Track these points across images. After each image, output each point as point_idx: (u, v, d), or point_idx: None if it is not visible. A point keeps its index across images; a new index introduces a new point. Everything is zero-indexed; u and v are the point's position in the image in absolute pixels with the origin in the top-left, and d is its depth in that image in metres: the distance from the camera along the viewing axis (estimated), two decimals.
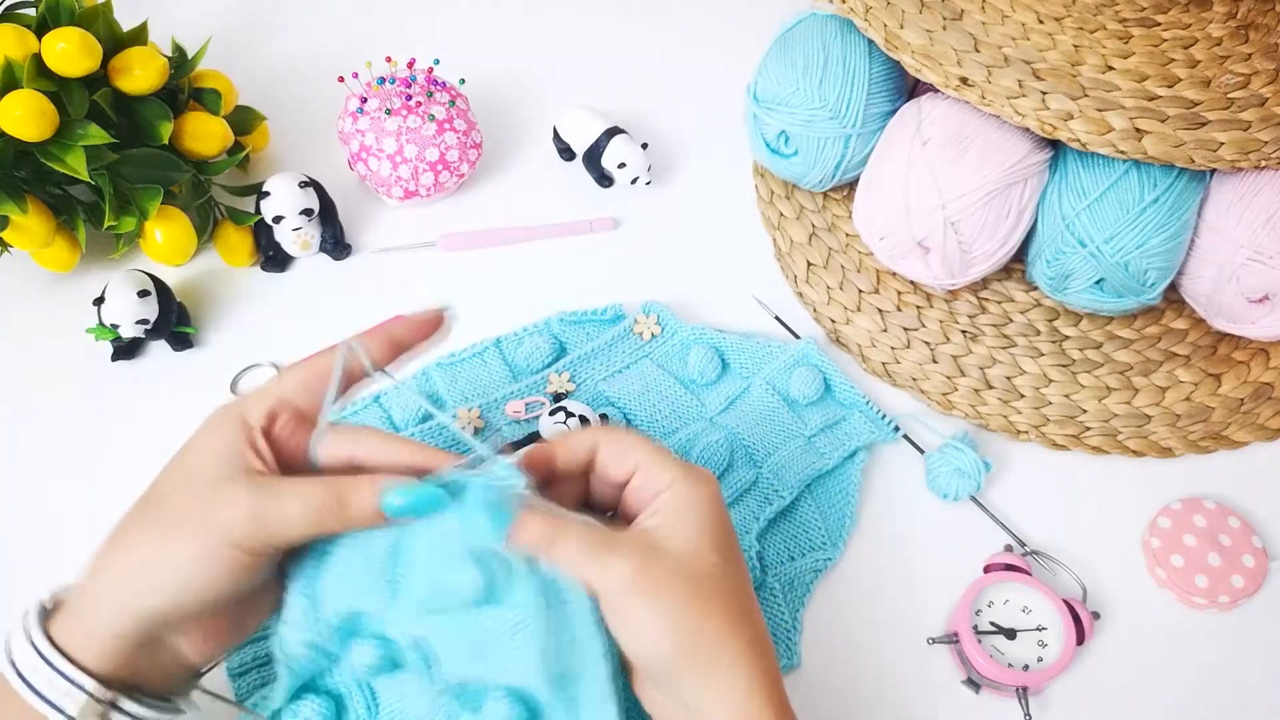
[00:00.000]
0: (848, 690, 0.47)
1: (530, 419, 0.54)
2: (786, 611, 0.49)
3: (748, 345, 0.57)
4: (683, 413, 0.55)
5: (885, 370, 0.58)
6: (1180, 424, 0.56)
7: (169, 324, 0.57)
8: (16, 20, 0.55)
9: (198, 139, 0.60)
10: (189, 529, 0.34)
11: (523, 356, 0.57)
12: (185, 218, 0.59)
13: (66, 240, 0.58)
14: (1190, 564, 0.50)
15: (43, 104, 0.51)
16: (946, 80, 0.50)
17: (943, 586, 0.50)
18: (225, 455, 0.35)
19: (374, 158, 0.62)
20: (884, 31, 0.52)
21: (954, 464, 0.52)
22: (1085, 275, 0.53)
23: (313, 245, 0.62)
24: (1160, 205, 0.50)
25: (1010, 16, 0.51)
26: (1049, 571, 0.51)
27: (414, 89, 0.62)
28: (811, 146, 0.58)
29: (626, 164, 0.64)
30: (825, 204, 0.64)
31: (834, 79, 0.56)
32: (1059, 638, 0.47)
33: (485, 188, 0.67)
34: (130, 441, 0.54)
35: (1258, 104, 0.48)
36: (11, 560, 0.51)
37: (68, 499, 0.53)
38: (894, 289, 0.60)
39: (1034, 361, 0.57)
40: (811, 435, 0.54)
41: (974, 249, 0.54)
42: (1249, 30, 0.50)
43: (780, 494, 0.52)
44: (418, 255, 0.63)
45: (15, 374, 0.57)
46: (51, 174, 0.55)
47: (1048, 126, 0.48)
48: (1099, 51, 0.49)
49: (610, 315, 0.59)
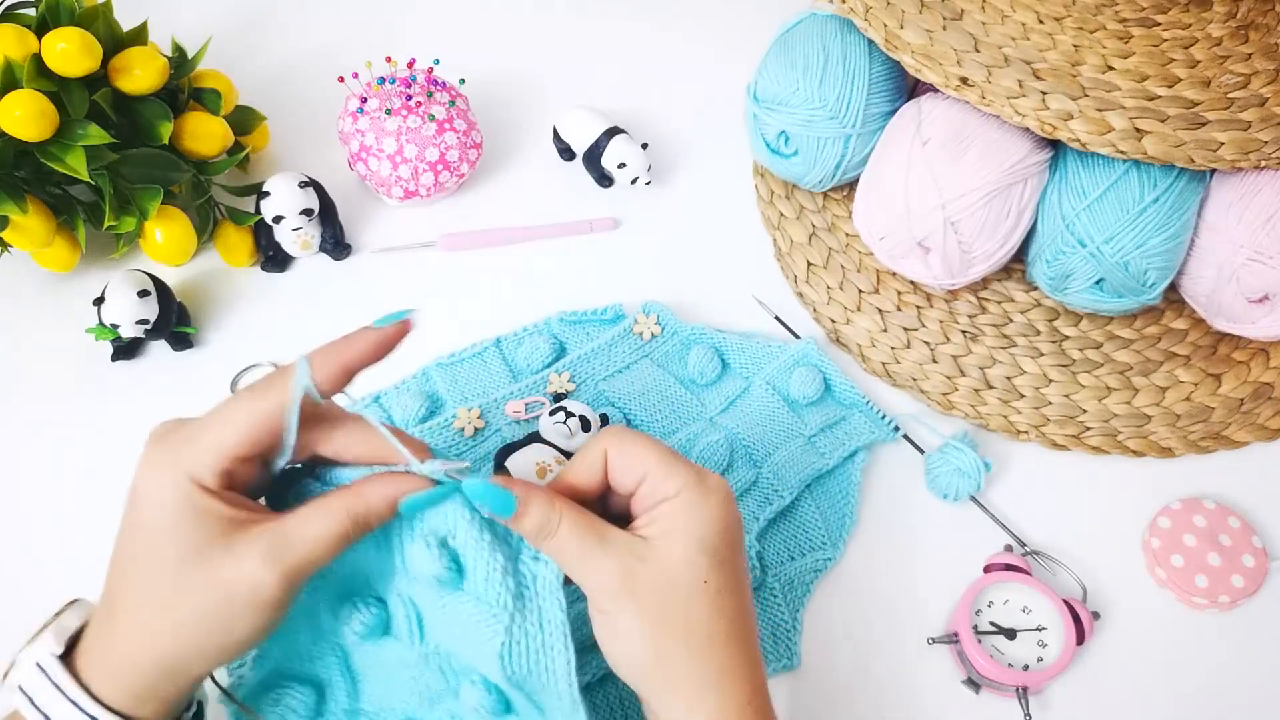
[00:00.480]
0: (848, 690, 0.47)
1: (530, 419, 0.54)
2: (786, 611, 0.49)
3: (748, 345, 0.57)
4: (683, 413, 0.55)
5: (885, 370, 0.58)
6: (1180, 424, 0.56)
7: (169, 324, 0.57)
8: (16, 20, 0.55)
9: (198, 139, 0.60)
10: (223, 604, 0.32)
11: (523, 356, 0.57)
12: (185, 218, 0.59)
13: (66, 240, 0.58)
14: (1190, 564, 0.50)
15: (43, 104, 0.51)
16: (946, 80, 0.50)
17: (943, 586, 0.50)
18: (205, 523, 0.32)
19: (374, 158, 0.62)
20: (884, 31, 0.52)
21: (954, 464, 0.52)
22: (1085, 275, 0.53)
23: (313, 245, 0.62)
24: (1160, 205, 0.50)
25: (1010, 16, 0.51)
26: (1049, 571, 0.51)
27: (414, 89, 0.62)
28: (811, 146, 0.58)
29: (626, 164, 0.64)
30: (825, 204, 0.64)
31: (834, 79, 0.56)
32: (1059, 638, 0.47)
33: (485, 188, 0.67)
34: (130, 442, 0.54)
35: (1258, 104, 0.48)
36: (11, 560, 0.50)
37: (68, 499, 0.53)
38: (894, 289, 0.60)
39: (1034, 361, 0.57)
40: (811, 435, 0.54)
41: (974, 249, 0.54)
42: (1249, 30, 0.50)
43: (780, 494, 0.52)
44: (418, 255, 0.63)
45: (15, 374, 0.57)
46: (51, 174, 0.55)
47: (1048, 126, 0.48)
48: (1099, 51, 0.49)
49: (610, 315, 0.59)
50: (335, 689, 0.40)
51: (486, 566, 0.34)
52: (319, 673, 0.40)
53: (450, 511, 0.34)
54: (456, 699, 0.37)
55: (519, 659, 0.34)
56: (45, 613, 0.36)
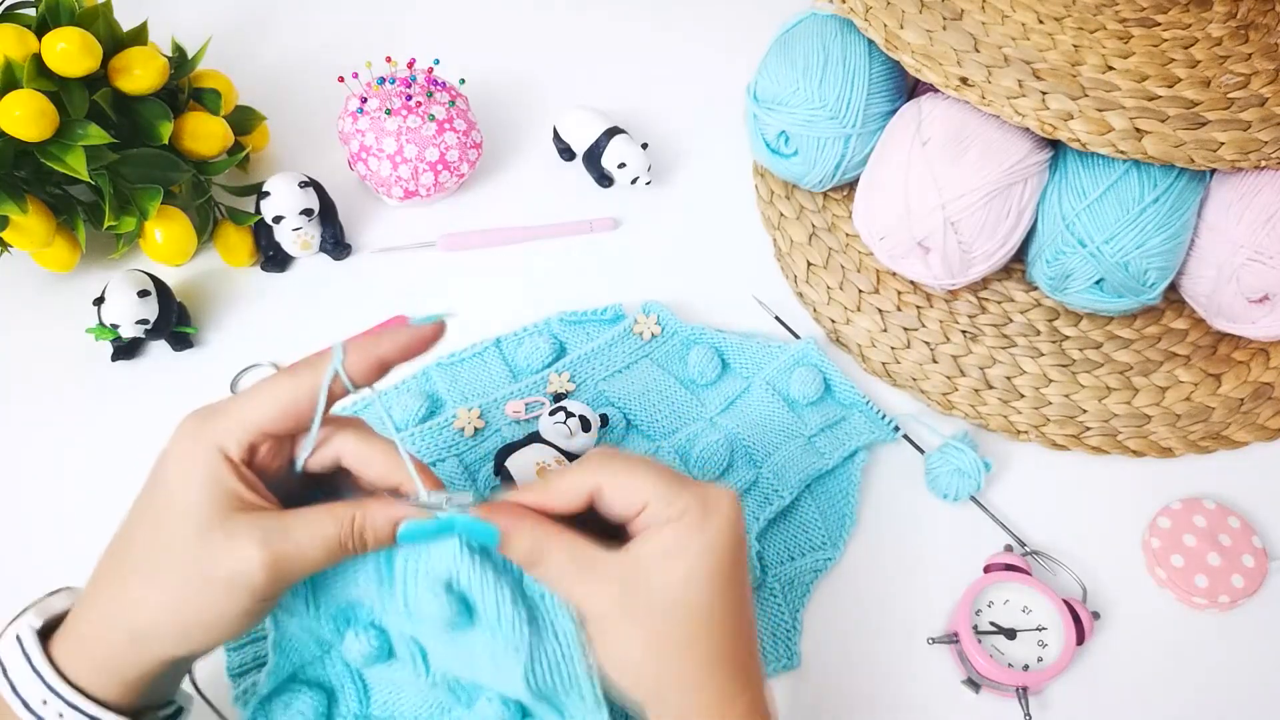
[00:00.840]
0: (848, 690, 0.47)
1: (530, 419, 0.54)
2: (786, 611, 0.49)
3: (748, 345, 0.57)
4: (683, 413, 0.55)
5: (885, 370, 0.58)
6: (1180, 424, 0.56)
7: (169, 324, 0.57)
8: (16, 20, 0.55)
9: (198, 139, 0.60)
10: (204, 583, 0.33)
11: (523, 356, 0.57)
12: (185, 218, 0.59)
13: (66, 240, 0.58)
14: (1190, 564, 0.50)
15: (43, 104, 0.51)
16: (946, 80, 0.50)
17: (943, 586, 0.50)
18: (215, 495, 0.33)
19: (374, 158, 0.62)
20: (884, 31, 0.52)
21: (954, 464, 0.52)
22: (1085, 275, 0.53)
23: (313, 245, 0.62)
24: (1160, 205, 0.50)
25: (1010, 16, 0.51)
26: (1049, 571, 0.51)
27: (414, 89, 0.62)
28: (811, 146, 0.58)
29: (626, 164, 0.64)
30: (825, 204, 0.64)
31: (834, 79, 0.56)
32: (1059, 638, 0.47)
33: (485, 188, 0.67)
34: (130, 441, 0.54)
35: (1258, 104, 0.48)
36: (11, 560, 0.51)
37: (68, 499, 0.53)
38: (894, 289, 0.60)
39: (1034, 361, 0.57)
40: (811, 435, 0.54)
41: (974, 249, 0.54)
42: (1249, 30, 0.50)
43: (780, 494, 0.52)
44: (418, 255, 0.63)
45: (15, 374, 0.57)
46: (51, 174, 0.55)
47: (1048, 126, 0.48)
48: (1099, 51, 0.49)
49: (610, 315, 0.59)
50: (345, 695, 0.40)
51: (495, 601, 0.34)
52: (330, 679, 0.40)
53: (450, 554, 0.34)
54: (468, 708, 0.37)
55: (543, 676, 0.34)
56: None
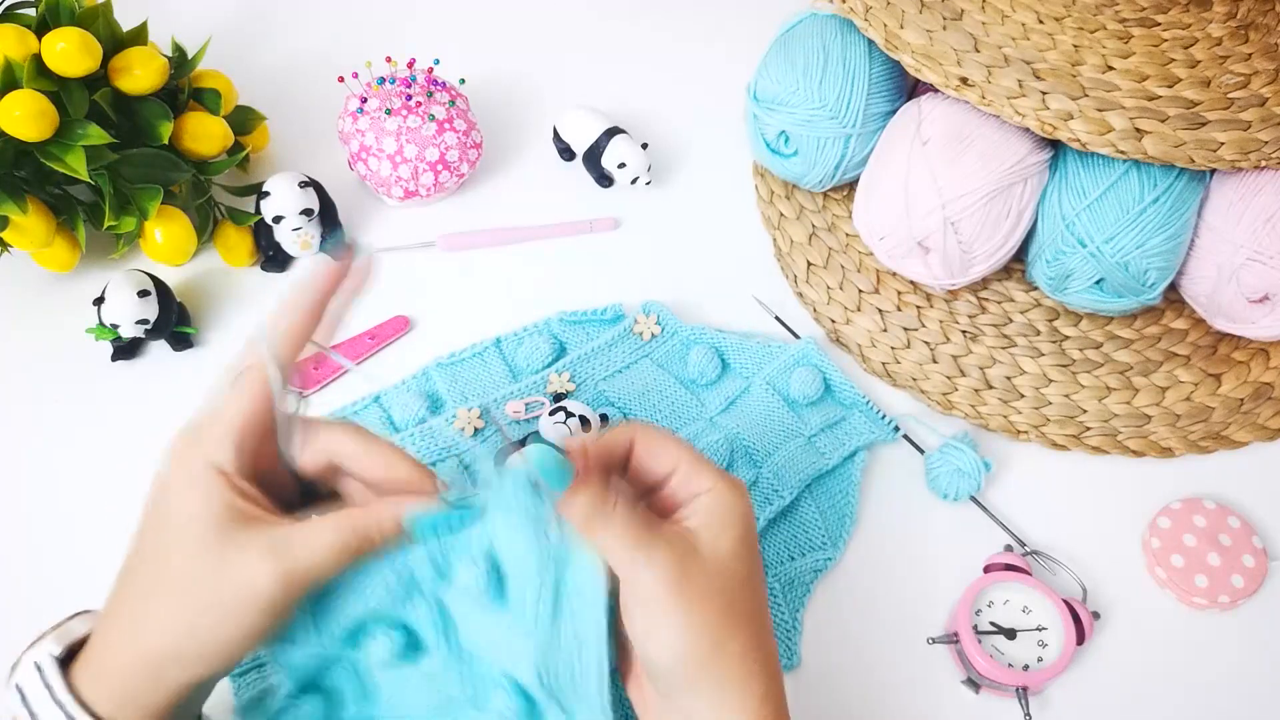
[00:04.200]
0: (848, 690, 0.47)
1: (530, 419, 0.54)
2: (786, 611, 0.49)
3: (748, 345, 0.57)
4: (683, 413, 0.55)
5: (885, 370, 0.58)
6: (1180, 424, 0.56)
7: (169, 324, 0.57)
8: (16, 20, 0.55)
9: (198, 139, 0.60)
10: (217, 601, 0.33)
11: (523, 356, 0.57)
12: (185, 218, 0.59)
13: (66, 240, 0.58)
14: (1190, 564, 0.50)
15: (43, 104, 0.51)
16: (946, 80, 0.50)
17: (943, 586, 0.50)
18: (217, 513, 0.33)
19: (374, 158, 0.62)
20: (884, 31, 0.52)
21: (954, 464, 0.52)
22: (1085, 275, 0.53)
23: (313, 245, 0.62)
24: (1160, 205, 0.50)
25: (1010, 16, 0.51)
26: (1049, 571, 0.51)
27: (414, 89, 0.62)
28: (811, 146, 0.58)
29: (626, 164, 0.64)
30: (825, 204, 0.64)
31: (834, 79, 0.56)
32: (1059, 638, 0.47)
33: (485, 188, 0.67)
34: (130, 441, 0.54)
35: (1258, 104, 0.48)
36: (12, 560, 0.50)
37: (68, 499, 0.53)
38: (894, 289, 0.60)
39: (1034, 361, 0.57)
40: (811, 435, 0.54)
41: (974, 249, 0.54)
42: (1249, 30, 0.50)
43: (780, 494, 0.52)
44: (418, 255, 0.63)
45: (15, 374, 0.57)
46: (51, 174, 0.55)
47: (1048, 126, 0.48)
48: (1099, 51, 0.49)
49: (610, 315, 0.59)
50: (345, 697, 0.40)
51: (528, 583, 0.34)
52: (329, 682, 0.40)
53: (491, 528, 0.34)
54: (474, 709, 0.37)
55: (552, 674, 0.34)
56: (46, 611, 0.36)
